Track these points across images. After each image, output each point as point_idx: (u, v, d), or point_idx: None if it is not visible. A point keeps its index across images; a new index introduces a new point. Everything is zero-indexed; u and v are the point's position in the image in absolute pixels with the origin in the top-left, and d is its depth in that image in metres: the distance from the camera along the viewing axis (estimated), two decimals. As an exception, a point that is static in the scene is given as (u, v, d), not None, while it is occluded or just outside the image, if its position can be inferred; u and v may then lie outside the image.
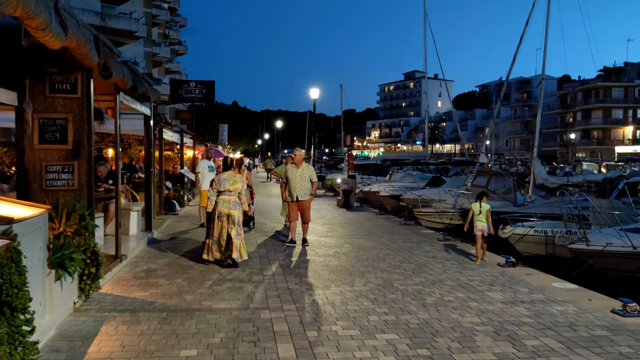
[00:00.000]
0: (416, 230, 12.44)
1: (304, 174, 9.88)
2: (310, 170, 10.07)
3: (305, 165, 10.02)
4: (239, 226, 7.98)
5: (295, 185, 9.81)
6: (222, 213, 7.93)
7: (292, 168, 9.97)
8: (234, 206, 8.02)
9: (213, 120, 74.23)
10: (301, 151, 10.33)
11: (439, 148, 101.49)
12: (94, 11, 32.90)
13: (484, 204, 9.02)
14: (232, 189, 8.04)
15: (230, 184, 8.07)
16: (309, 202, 9.96)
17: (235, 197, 8.09)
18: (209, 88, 24.86)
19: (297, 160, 9.98)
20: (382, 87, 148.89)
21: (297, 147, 10.46)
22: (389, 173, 29.36)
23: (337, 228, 12.47)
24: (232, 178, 8.15)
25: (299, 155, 10.06)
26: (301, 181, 9.83)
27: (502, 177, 16.31)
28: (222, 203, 7.99)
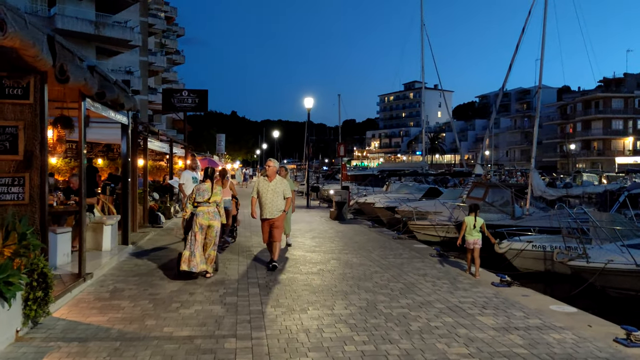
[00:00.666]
0: (409, 244, 11.90)
1: (277, 188, 8.63)
2: (285, 184, 8.75)
3: (279, 178, 8.75)
4: (218, 238, 8.05)
5: (266, 201, 8.56)
6: (203, 225, 7.81)
7: (263, 182, 8.72)
8: (214, 217, 7.92)
9: (211, 130, 73.89)
10: (274, 162, 8.85)
11: (439, 158, 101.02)
12: (87, 20, 32.61)
13: (478, 217, 8.73)
14: (212, 200, 7.91)
15: (210, 195, 7.91)
16: (281, 220, 8.71)
17: (214, 207, 7.96)
18: (202, 97, 24.43)
19: (269, 172, 8.69)
20: (382, 97, 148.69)
21: (271, 158, 8.87)
22: (386, 184, 28.89)
23: (326, 242, 11.93)
24: (213, 189, 7.99)
25: (272, 166, 8.71)
26: (273, 197, 8.57)
27: (500, 188, 15.79)
28: (202, 215, 7.83)
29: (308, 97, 22.69)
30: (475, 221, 8.66)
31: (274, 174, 8.74)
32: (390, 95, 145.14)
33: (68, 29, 31.67)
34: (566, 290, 9.90)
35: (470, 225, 8.61)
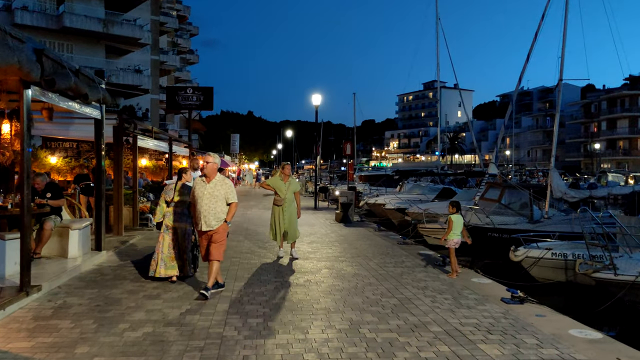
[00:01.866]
0: (414, 251, 10.82)
1: (216, 191, 6.63)
2: (227, 186, 6.76)
3: (219, 178, 6.75)
4: (187, 239, 7.58)
5: (202, 206, 6.59)
6: (168, 226, 7.53)
7: (200, 183, 6.73)
8: (180, 218, 7.54)
9: (227, 131, 73.36)
10: (214, 157, 6.83)
11: (458, 159, 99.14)
12: (96, 18, 32.15)
13: (460, 215, 8.60)
14: (176, 200, 7.56)
15: (175, 195, 7.59)
16: (221, 233, 6.70)
17: (183, 208, 7.54)
18: (207, 95, 23.68)
19: (208, 170, 6.68)
20: (401, 97, 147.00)
21: (210, 153, 7.00)
22: (399, 184, 27.76)
23: (324, 248, 10.93)
24: (176, 189, 7.66)
25: (212, 163, 6.69)
26: (210, 201, 6.58)
27: (517, 190, 14.58)
28: (168, 215, 7.57)
29: (316, 94, 21.70)
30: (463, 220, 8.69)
31: (213, 173, 6.70)
32: (409, 95, 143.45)
33: (76, 27, 31.31)
34: (591, 305, 8.74)
35: (457, 224, 8.36)
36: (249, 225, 15.04)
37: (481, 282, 7.91)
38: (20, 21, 30.26)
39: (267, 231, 13.45)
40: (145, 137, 14.41)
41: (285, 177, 9.64)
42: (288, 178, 9.65)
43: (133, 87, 33.96)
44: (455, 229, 8.37)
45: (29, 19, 30.61)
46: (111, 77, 32.63)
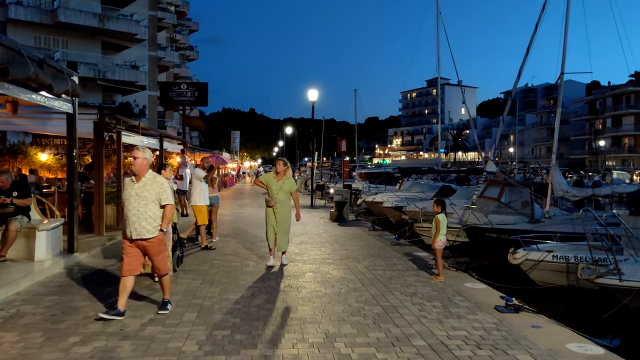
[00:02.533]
0: (407, 252, 10.28)
1: (145, 192, 5.51)
2: (158, 185, 5.59)
3: (150, 177, 5.59)
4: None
5: (129, 210, 5.52)
6: None
7: (129, 183, 5.67)
8: None
9: (228, 128, 72.84)
10: (144, 152, 5.65)
11: (462, 156, 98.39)
12: (92, 12, 31.64)
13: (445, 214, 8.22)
14: None
15: None
16: (157, 245, 5.62)
17: None
18: (201, 90, 23.20)
19: (137, 167, 5.57)
20: (404, 94, 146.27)
21: (139, 147, 5.82)
22: (399, 182, 27.22)
23: (313, 249, 10.41)
24: None
25: (140, 158, 5.56)
26: (139, 204, 5.49)
27: (518, 188, 14.00)
28: None
29: (312, 90, 21.14)
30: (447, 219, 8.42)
31: (143, 170, 5.58)
32: (412, 92, 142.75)
33: (71, 22, 30.85)
34: (594, 312, 8.19)
35: (444, 223, 8.04)
36: (240, 224, 14.54)
37: (475, 287, 7.37)
38: (14, 16, 29.87)
39: (256, 231, 12.98)
40: (131, 133, 13.91)
41: (279, 175, 8.48)
42: (282, 176, 8.47)
43: (129, 84, 33.50)
44: (443, 229, 7.97)
45: (23, 14, 30.17)
46: (107, 74, 32.17)
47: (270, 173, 8.69)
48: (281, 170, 8.48)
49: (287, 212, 8.48)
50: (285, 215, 8.43)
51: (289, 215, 8.51)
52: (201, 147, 56.89)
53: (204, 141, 68.70)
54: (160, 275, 5.86)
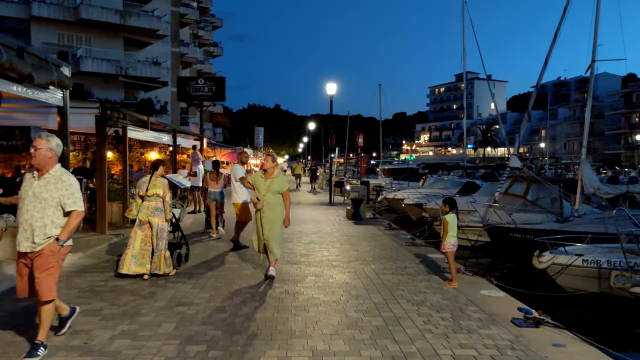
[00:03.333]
0: (422, 253, 9.55)
1: (45, 192, 4.33)
2: (65, 185, 4.39)
3: (56, 174, 4.42)
4: (161, 236, 7.23)
5: (22, 214, 4.37)
6: (142, 221, 7.27)
7: (28, 180, 4.49)
8: (153, 213, 7.26)
9: (253, 124, 72.55)
10: (51, 141, 4.43)
11: (491, 151, 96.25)
12: (113, 9, 31.57)
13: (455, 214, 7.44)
14: (150, 193, 7.26)
15: (147, 188, 7.29)
16: (48, 257, 4.30)
17: (156, 202, 7.31)
18: (219, 85, 22.76)
19: (38, 160, 4.36)
20: (432, 89, 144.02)
21: (43, 133, 4.55)
22: (422, 178, 26.35)
23: (321, 250, 9.78)
24: (150, 182, 7.33)
25: (44, 149, 4.34)
26: (35, 206, 4.32)
27: (546, 184, 13.09)
28: (142, 210, 7.31)
29: (330, 83, 20.47)
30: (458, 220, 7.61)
31: (48, 163, 4.40)
32: (440, 87, 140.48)
33: (93, 18, 30.87)
34: (629, 323, 7.37)
35: (453, 224, 7.28)
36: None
37: (492, 295, 6.63)
38: (38, 13, 30.01)
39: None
40: (139, 128, 13.51)
41: (267, 173, 7.26)
42: (270, 174, 7.25)
43: (151, 80, 33.41)
44: (452, 231, 7.23)
45: (46, 11, 30.28)
46: (128, 70, 32.10)
47: (259, 172, 7.47)
48: (269, 167, 7.28)
49: (277, 216, 7.15)
50: (273, 219, 7.13)
51: (279, 220, 7.19)
52: (226, 143, 56.88)
53: (229, 137, 68.68)
54: (41, 301, 4.31)
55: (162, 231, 7.29)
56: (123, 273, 7.03)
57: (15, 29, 30.43)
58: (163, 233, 7.33)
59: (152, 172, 7.63)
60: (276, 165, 7.39)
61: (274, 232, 7.14)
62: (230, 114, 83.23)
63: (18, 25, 30.54)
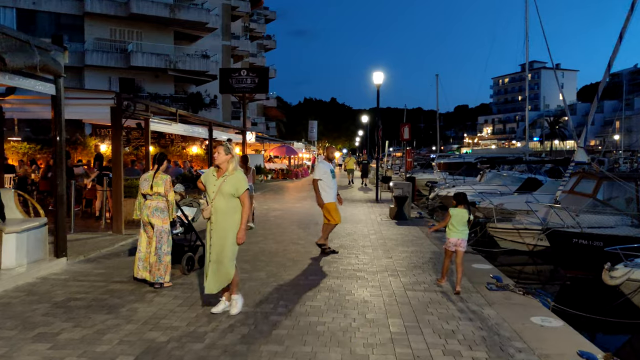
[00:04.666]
0: (467, 262, 8.14)
1: None
2: None
3: None
4: (163, 239, 6.51)
5: None
6: (144, 222, 6.64)
7: None
8: (153, 213, 6.51)
9: (309, 118, 71.90)
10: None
11: (559, 145, 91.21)
12: (163, 3, 31.44)
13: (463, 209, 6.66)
14: (153, 192, 6.52)
15: (149, 186, 6.53)
16: None
17: (158, 201, 6.55)
18: (262, 76, 21.94)
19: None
20: (496, 80, 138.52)
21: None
22: (480, 173, 24.50)
23: (349, 256, 8.59)
24: (154, 179, 6.56)
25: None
26: None
27: (619, 181, 11.27)
28: (144, 209, 6.61)
29: (377, 72, 19.11)
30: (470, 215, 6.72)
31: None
32: (505, 77, 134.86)
33: (143, 13, 30.82)
34: None
35: (457, 219, 6.60)
36: (283, 221, 13.02)
37: (545, 325, 5.24)
38: (90, 9, 30.28)
39: (297, 231, 11.37)
40: (167, 120, 12.77)
41: (220, 170, 5.30)
42: (223, 171, 5.26)
43: (200, 73, 33.12)
44: (457, 225, 6.56)
45: (99, 7, 30.51)
46: (178, 64, 31.92)
47: (211, 168, 5.47)
48: (222, 161, 5.23)
49: (229, 228, 5.17)
50: (225, 234, 5.16)
51: (232, 233, 5.17)
52: (282, 137, 56.49)
53: (285, 131, 68.38)
54: None
55: (162, 234, 6.52)
56: (135, 277, 6.60)
57: (69, 25, 30.91)
58: (163, 236, 6.55)
59: (157, 168, 6.80)
60: (232, 158, 5.29)
61: (226, 252, 5.16)
62: (287, 108, 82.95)
63: (73, 22, 30.97)
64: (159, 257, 6.49)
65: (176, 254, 7.17)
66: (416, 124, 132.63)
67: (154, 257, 6.46)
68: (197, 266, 7.46)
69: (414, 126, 72.70)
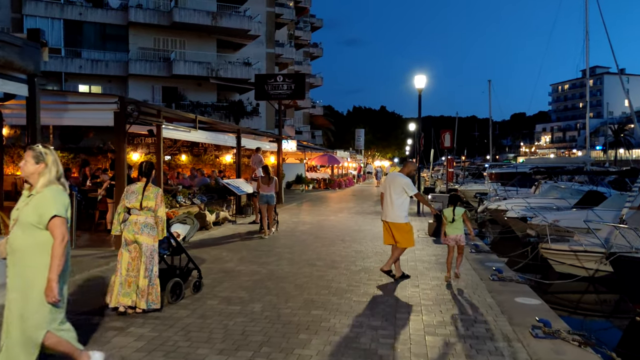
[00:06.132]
0: (508, 297, 6.72)
1: None
2: None
3: None
4: (154, 259, 5.72)
5: None
6: (127, 240, 5.76)
7: None
8: (141, 230, 5.70)
9: (358, 126, 70.74)
10: None
11: (624, 154, 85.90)
12: (205, 11, 31.24)
13: (458, 208, 7.55)
14: (143, 206, 5.71)
15: (137, 199, 5.73)
16: None
17: (146, 217, 5.76)
18: (298, 82, 20.96)
19: None
20: (555, 86, 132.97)
21: None
22: (535, 184, 22.53)
23: (368, 284, 7.34)
24: (144, 192, 5.75)
25: None
26: None
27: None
28: (128, 226, 5.77)
29: (420, 75, 17.76)
30: (455, 212, 7.57)
31: None
32: (564, 84, 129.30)
33: (185, 21, 30.69)
34: None
35: (450, 218, 7.55)
36: (309, 237, 11.86)
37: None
38: (134, 19, 30.40)
39: (320, 249, 10.18)
40: (184, 127, 11.94)
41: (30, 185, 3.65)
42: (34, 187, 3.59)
43: (242, 81, 32.62)
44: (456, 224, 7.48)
45: (142, 17, 30.60)
46: (219, 72, 31.54)
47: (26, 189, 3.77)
48: (30, 173, 3.57)
49: (33, 276, 3.45)
50: (25, 284, 3.47)
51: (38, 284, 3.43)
52: (330, 146, 55.51)
53: (334, 140, 67.42)
54: None
55: (153, 253, 5.72)
56: (110, 306, 5.65)
57: (114, 35, 31.17)
58: (154, 255, 5.72)
59: (148, 180, 5.93)
60: (44, 168, 3.57)
61: (28, 315, 3.43)
62: (337, 116, 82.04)
63: (117, 32, 31.21)
64: (150, 279, 5.65)
65: (161, 278, 6.21)
66: (470, 133, 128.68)
67: (144, 281, 5.62)
68: (192, 293, 6.50)
69: (467, 135, 69.86)
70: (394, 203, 7.57)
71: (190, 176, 16.24)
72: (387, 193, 7.68)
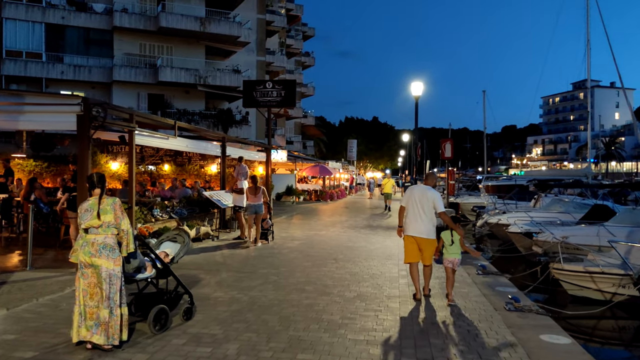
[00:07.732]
0: (531, 333, 5.69)
1: None
2: None
3: None
4: (115, 286, 4.79)
5: None
6: (83, 263, 4.83)
7: None
8: (99, 252, 4.78)
9: (350, 136, 69.88)
10: None
11: (615, 166, 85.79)
12: (192, 16, 30.29)
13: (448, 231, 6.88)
14: (101, 221, 4.82)
15: (92, 216, 4.83)
16: None
17: (106, 235, 4.84)
18: (288, 89, 19.88)
19: None
20: (546, 99, 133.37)
21: None
22: (534, 198, 21.66)
23: (364, 316, 6.30)
24: (99, 205, 4.87)
25: None
26: None
27: None
28: (84, 247, 4.82)
29: (416, 82, 16.86)
30: (453, 236, 6.93)
31: None
32: (555, 97, 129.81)
33: (172, 26, 29.74)
34: None
35: (448, 241, 6.90)
36: (298, 255, 10.80)
37: None
38: (119, 23, 29.36)
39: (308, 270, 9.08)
40: (162, 134, 10.88)
41: None
42: None
43: (231, 89, 31.64)
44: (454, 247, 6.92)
45: (127, 21, 29.56)
46: (207, 79, 30.55)
47: None
48: None
49: None
50: None
51: None
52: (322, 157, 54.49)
53: (325, 151, 66.44)
54: None
55: (113, 279, 4.82)
56: (73, 341, 4.82)
57: (98, 40, 30.10)
58: (115, 281, 4.83)
59: (101, 192, 4.95)
60: None
61: None
62: (328, 127, 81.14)
63: (101, 37, 30.15)
64: (111, 310, 4.72)
65: (144, 305, 5.30)
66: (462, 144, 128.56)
67: (104, 311, 4.74)
68: (182, 321, 5.65)
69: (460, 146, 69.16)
70: (426, 217, 7.01)
71: (170, 187, 15.13)
72: (416, 207, 7.02)
